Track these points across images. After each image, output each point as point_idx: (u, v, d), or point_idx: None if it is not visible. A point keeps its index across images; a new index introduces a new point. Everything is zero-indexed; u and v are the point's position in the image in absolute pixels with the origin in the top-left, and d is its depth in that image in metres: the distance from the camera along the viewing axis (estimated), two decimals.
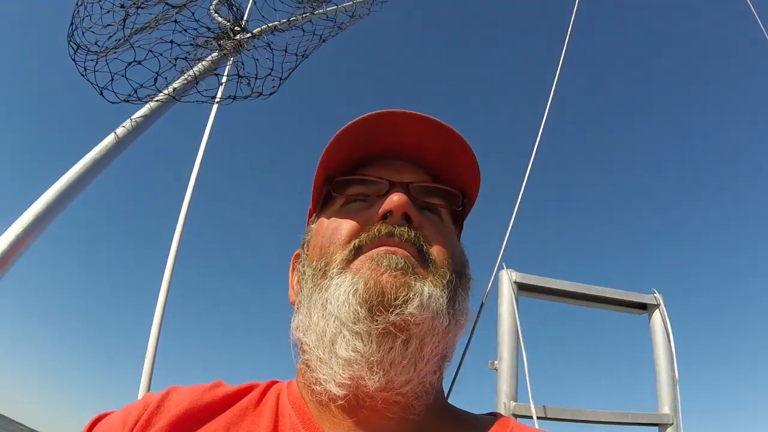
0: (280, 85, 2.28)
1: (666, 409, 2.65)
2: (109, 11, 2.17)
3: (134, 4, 2.18)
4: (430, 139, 0.88)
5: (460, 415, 0.91)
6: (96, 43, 2.11)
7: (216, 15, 2.61)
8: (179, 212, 4.03)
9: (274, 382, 0.91)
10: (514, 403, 2.50)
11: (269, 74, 2.16)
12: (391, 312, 0.71)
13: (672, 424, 2.61)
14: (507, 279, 2.72)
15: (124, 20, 2.13)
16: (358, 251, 0.79)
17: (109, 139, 1.97)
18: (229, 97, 2.16)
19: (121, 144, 1.99)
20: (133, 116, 2.02)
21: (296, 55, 2.37)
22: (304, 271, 0.87)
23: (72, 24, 2.08)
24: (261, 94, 2.17)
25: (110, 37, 2.15)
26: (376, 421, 0.76)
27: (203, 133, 4.31)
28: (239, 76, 2.32)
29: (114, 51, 2.10)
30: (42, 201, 1.73)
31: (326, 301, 0.76)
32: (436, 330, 0.75)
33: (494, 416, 0.90)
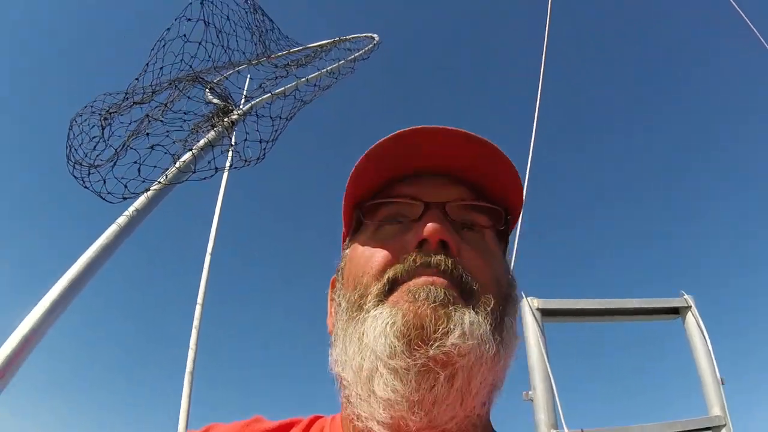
0: (265, 152, 2.40)
1: (716, 411, 2.56)
2: (94, 125, 2.35)
3: (107, 113, 2.34)
4: (467, 153, 0.83)
5: None
6: (86, 156, 2.28)
7: (211, 98, 2.78)
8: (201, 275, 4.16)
9: (317, 418, 0.89)
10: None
11: (245, 140, 2.28)
12: (431, 346, 0.66)
13: (725, 425, 2.51)
14: (528, 307, 2.70)
15: (102, 130, 2.28)
16: (393, 283, 0.74)
17: (112, 229, 2.09)
18: (217, 169, 2.27)
19: (125, 230, 2.12)
20: (130, 208, 2.15)
21: (281, 118, 2.49)
22: (339, 303, 0.82)
23: (68, 145, 2.26)
24: (248, 162, 2.29)
25: (95, 146, 2.30)
26: None
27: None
28: (231, 146, 2.46)
29: (111, 161, 2.26)
30: (47, 299, 1.86)
31: (362, 334, 0.72)
32: (484, 359, 0.69)
33: None
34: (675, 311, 2.83)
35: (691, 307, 2.78)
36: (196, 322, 3.84)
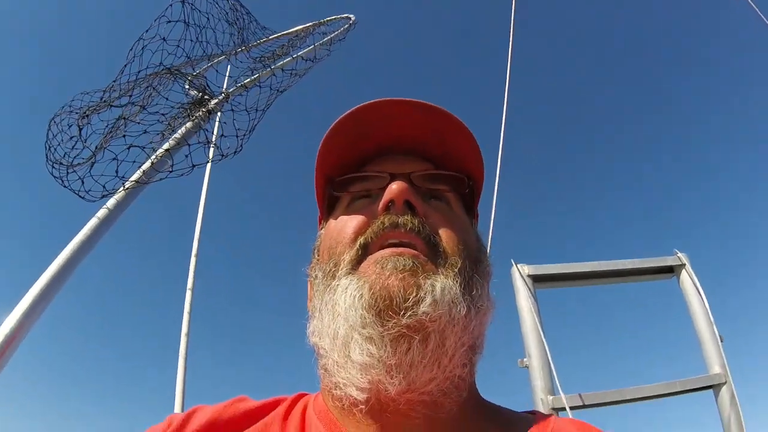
0: (242, 143, 2.40)
1: (716, 369, 2.51)
2: (71, 125, 2.38)
3: (83, 114, 2.36)
4: (425, 126, 0.85)
5: (497, 411, 0.85)
6: (65, 155, 2.31)
7: (189, 89, 2.80)
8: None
9: (302, 395, 0.89)
10: (551, 397, 2.44)
11: (222, 135, 2.28)
12: (403, 315, 0.68)
13: (725, 383, 2.46)
14: (519, 274, 2.68)
15: (80, 130, 2.30)
16: (365, 249, 0.77)
17: (93, 222, 2.12)
18: (192, 166, 2.28)
19: (105, 224, 2.15)
20: (110, 202, 2.19)
21: (256, 110, 2.50)
22: (315, 276, 0.85)
23: (46, 145, 2.30)
24: (224, 156, 2.29)
25: (74, 146, 2.33)
26: (402, 423, 0.72)
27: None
28: (207, 141, 2.47)
29: (89, 161, 2.29)
30: (36, 288, 1.90)
31: (335, 303, 0.74)
32: (456, 320, 0.71)
33: (533, 414, 0.86)
34: (670, 270, 2.79)
35: (685, 265, 2.74)
36: (187, 306, 3.89)
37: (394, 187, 0.78)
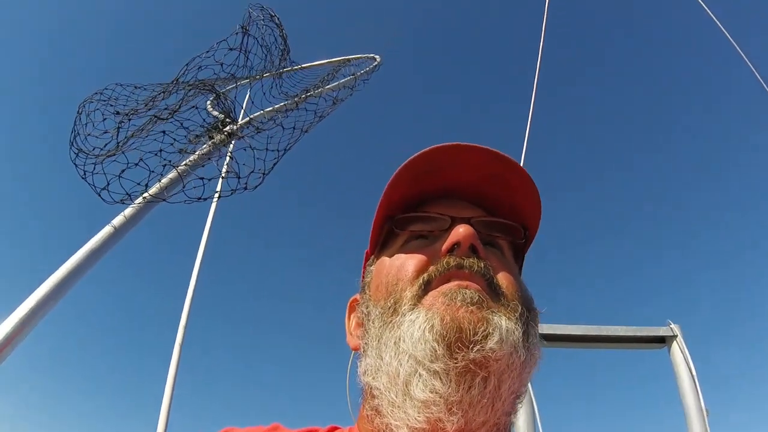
0: (264, 178, 2.45)
1: None
2: (105, 118, 2.40)
3: (127, 115, 2.39)
4: (486, 171, 0.87)
5: None
6: (94, 149, 2.33)
7: (212, 109, 2.85)
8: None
9: (335, 428, 0.89)
10: None
11: (252, 171, 2.31)
12: (472, 348, 0.68)
13: None
14: None
15: (118, 129, 2.33)
16: (427, 286, 0.77)
17: (107, 230, 2.15)
18: (216, 192, 2.32)
19: (118, 233, 2.18)
20: (126, 211, 2.21)
21: (277, 150, 2.54)
22: (368, 313, 0.84)
23: (73, 130, 2.32)
24: (246, 188, 2.33)
25: (106, 145, 2.35)
26: None
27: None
28: (228, 173, 2.52)
29: (112, 156, 2.32)
30: (43, 288, 1.91)
31: (399, 339, 0.73)
32: (514, 365, 0.71)
33: None
34: (661, 340, 2.83)
35: (677, 336, 2.78)
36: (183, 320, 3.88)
37: (462, 230, 0.79)
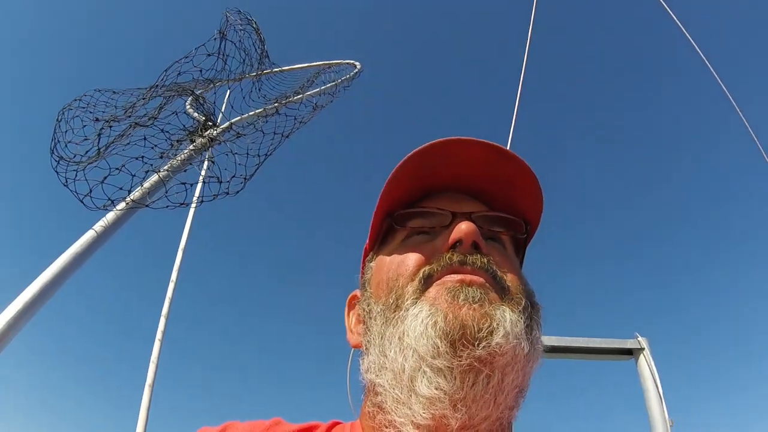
0: (245, 182, 2.43)
1: None
2: (85, 125, 2.35)
3: (108, 122, 2.35)
4: (487, 165, 0.86)
5: None
6: (75, 156, 2.28)
7: (192, 112, 2.82)
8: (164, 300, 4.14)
9: (336, 423, 0.89)
10: None
11: (234, 176, 2.30)
12: (477, 345, 0.67)
13: None
14: None
15: (99, 136, 2.28)
16: (428, 279, 0.76)
17: (89, 235, 2.11)
18: (198, 198, 2.30)
19: (101, 238, 2.13)
20: (108, 216, 2.17)
21: (258, 155, 2.53)
22: (369, 309, 0.84)
23: (54, 138, 2.27)
24: (228, 192, 2.32)
25: (87, 152, 2.31)
26: None
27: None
28: (210, 177, 2.49)
29: (93, 162, 2.28)
30: (29, 292, 1.87)
31: (403, 333, 0.72)
32: (518, 358, 0.71)
33: None
34: (629, 352, 2.91)
35: (644, 349, 2.86)
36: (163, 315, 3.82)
37: (464, 227, 0.78)
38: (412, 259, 0.81)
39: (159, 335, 3.77)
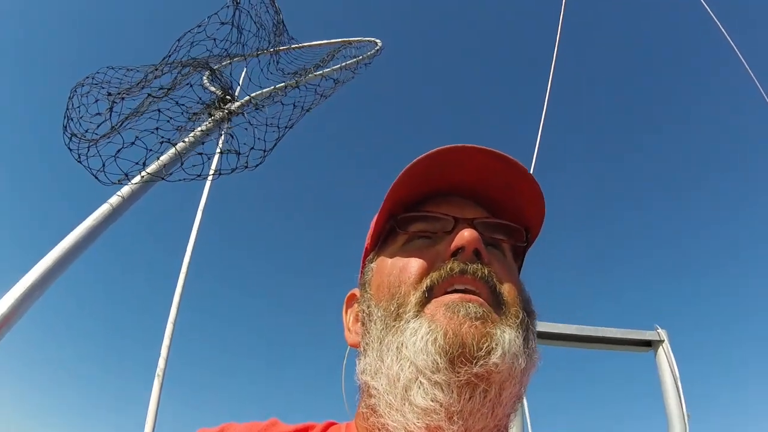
0: (265, 156, 2.38)
1: None
2: (98, 100, 2.30)
3: (119, 94, 2.29)
4: (491, 173, 0.86)
5: None
6: (87, 131, 2.23)
7: (208, 85, 2.75)
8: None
9: (332, 424, 0.90)
10: None
11: (252, 148, 2.24)
12: (475, 363, 0.68)
13: None
14: None
15: (110, 110, 2.23)
16: (430, 292, 0.76)
17: (105, 208, 2.06)
18: (216, 172, 2.24)
19: (116, 212, 2.09)
20: (123, 190, 2.12)
21: (278, 127, 2.47)
22: (369, 312, 0.84)
23: (66, 115, 2.22)
24: (247, 166, 2.26)
25: (99, 126, 2.25)
26: None
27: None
28: (228, 150, 2.43)
29: (107, 137, 2.22)
30: (42, 264, 1.83)
31: (401, 344, 0.73)
32: (515, 373, 0.72)
33: None
34: (648, 344, 2.88)
35: (663, 341, 2.83)
36: (173, 312, 3.80)
37: (466, 234, 0.78)
38: (414, 266, 0.81)
39: (171, 318, 3.75)
